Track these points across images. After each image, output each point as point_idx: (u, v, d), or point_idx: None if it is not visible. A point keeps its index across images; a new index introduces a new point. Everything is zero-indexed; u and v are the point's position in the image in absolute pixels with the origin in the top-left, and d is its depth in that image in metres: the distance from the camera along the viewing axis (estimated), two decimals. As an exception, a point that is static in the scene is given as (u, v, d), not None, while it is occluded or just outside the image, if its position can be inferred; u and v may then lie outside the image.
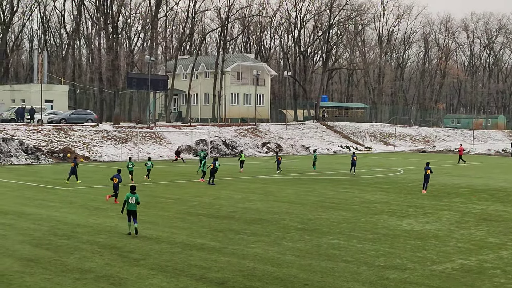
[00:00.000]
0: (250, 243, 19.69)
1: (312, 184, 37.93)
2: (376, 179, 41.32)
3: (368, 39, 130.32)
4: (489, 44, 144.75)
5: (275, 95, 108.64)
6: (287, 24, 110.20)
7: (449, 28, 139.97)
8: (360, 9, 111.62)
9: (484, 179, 42.53)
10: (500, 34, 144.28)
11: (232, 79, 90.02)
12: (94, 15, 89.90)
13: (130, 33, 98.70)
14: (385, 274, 16.13)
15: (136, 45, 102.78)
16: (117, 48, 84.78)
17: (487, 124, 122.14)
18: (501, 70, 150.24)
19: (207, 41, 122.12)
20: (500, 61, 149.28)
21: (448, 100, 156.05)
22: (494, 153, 76.68)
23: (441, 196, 32.37)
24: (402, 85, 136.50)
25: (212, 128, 73.09)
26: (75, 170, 36.47)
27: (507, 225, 23.81)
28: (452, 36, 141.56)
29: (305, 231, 22.00)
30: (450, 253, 18.67)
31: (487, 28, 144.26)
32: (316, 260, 17.46)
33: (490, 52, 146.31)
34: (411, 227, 23.07)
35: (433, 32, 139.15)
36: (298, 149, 72.38)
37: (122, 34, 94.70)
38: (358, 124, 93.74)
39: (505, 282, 15.55)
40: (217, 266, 16.69)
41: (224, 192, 32.75)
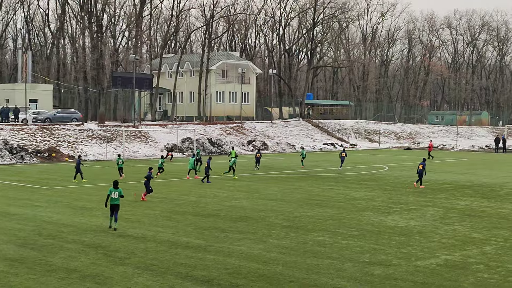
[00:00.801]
0: (236, 241, 19.75)
1: (298, 181, 38.05)
2: (361, 176, 41.52)
3: (352, 36, 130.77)
4: (472, 41, 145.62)
5: (260, 93, 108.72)
6: (272, 22, 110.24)
7: (432, 25, 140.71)
8: (344, 7, 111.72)
9: (468, 175, 42.85)
10: (483, 31, 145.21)
11: (217, 77, 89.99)
12: (79, 14, 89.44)
13: (114, 31, 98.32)
14: (370, 270, 16.25)
15: (121, 44, 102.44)
16: (101, 47, 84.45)
17: (471, 121, 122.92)
18: (484, 66, 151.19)
19: (192, 40, 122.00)
20: (483, 58, 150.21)
21: (432, 97, 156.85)
22: (478, 149, 77.21)
23: (425, 192, 32.60)
24: (387, 82, 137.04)
25: (198, 126, 73.01)
26: (79, 169, 36.77)
27: (491, 220, 24.03)
28: (436, 33, 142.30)
29: (291, 228, 22.09)
30: (434, 249, 18.83)
31: (470, 25, 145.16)
32: (301, 257, 17.55)
33: (473, 49, 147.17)
34: (395, 223, 23.24)
35: (417, 30, 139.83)
36: (283, 147, 72.52)
37: (107, 33, 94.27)
38: (343, 122, 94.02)
39: (488, 277, 15.72)
40: (203, 264, 16.74)
41: (210, 190, 32.78)
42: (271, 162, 53.62)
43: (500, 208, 27.26)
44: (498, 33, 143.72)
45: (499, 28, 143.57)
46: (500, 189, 34.60)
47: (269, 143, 72.68)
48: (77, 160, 37.97)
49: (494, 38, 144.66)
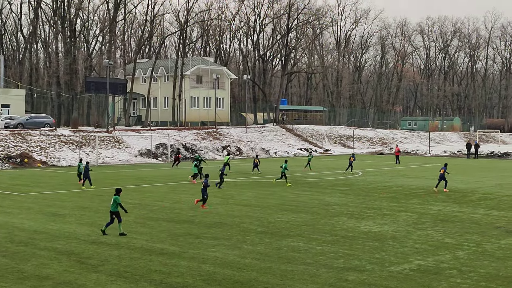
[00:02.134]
0: (210, 247, 19.71)
1: (272, 187, 38.09)
2: (335, 181, 41.70)
3: (326, 42, 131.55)
4: (444, 48, 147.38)
5: (235, 98, 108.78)
6: (246, 28, 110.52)
7: (405, 32, 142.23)
8: (318, 13, 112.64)
9: (441, 180, 43.17)
10: (455, 38, 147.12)
11: (191, 82, 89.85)
12: (52, 19, 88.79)
13: (88, 36, 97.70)
14: (344, 275, 16.32)
15: (95, 49, 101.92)
16: (75, 51, 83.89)
17: (443, 126, 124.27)
18: (456, 73, 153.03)
19: (166, 45, 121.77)
20: (455, 64, 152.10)
21: (405, 102, 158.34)
22: (450, 154, 78.03)
23: (398, 198, 32.84)
24: (360, 88, 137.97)
25: (172, 131, 72.80)
26: (88, 175, 36.35)
27: (463, 225, 24.27)
28: (408, 39, 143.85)
29: (265, 234, 22.10)
30: (408, 254, 18.96)
31: (442, 32, 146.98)
32: (276, 263, 17.57)
33: (445, 55, 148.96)
34: (369, 228, 23.37)
35: (390, 36, 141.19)
36: (258, 152, 72.52)
37: (80, 37, 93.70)
38: (317, 127, 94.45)
39: (461, 282, 15.86)
40: (177, 271, 16.67)
41: (185, 196, 32.67)
42: (246, 167, 53.59)
43: (472, 213, 27.54)
44: (470, 40, 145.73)
45: (470, 35, 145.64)
46: (472, 194, 34.97)
47: (243, 148, 72.70)
48: (86, 166, 37.11)
49: (466, 44, 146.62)
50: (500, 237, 21.89)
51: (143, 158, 61.30)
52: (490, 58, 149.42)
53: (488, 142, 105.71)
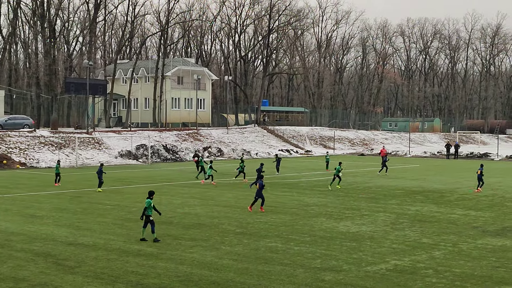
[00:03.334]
0: (188, 248, 19.70)
1: (253, 188, 38.06)
2: (314, 182, 41.81)
3: (308, 44, 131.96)
4: (425, 49, 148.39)
5: (216, 99, 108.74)
6: (228, 29, 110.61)
7: (386, 33, 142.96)
8: (299, 14, 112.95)
9: (419, 181, 43.52)
10: (435, 39, 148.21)
11: (172, 83, 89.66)
12: (31, 19, 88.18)
13: (68, 37, 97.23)
14: (321, 276, 16.39)
15: (75, 49, 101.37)
16: (54, 52, 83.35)
17: (424, 127, 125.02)
18: (437, 74, 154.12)
19: (147, 45, 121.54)
20: (436, 65, 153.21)
21: (386, 103, 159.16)
22: (430, 155, 78.54)
23: (377, 198, 33.02)
24: (341, 89, 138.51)
25: (153, 133, 72.61)
26: (101, 177, 35.47)
27: (440, 225, 24.45)
28: (389, 41, 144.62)
29: (244, 235, 22.13)
30: (385, 254, 19.07)
31: (423, 34, 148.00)
32: (253, 264, 17.60)
33: (426, 56, 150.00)
34: (347, 229, 23.47)
35: (371, 37, 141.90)
36: (239, 153, 72.52)
37: (60, 38, 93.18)
38: (298, 128, 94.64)
39: (436, 281, 15.98)
40: (154, 272, 16.64)
41: (164, 197, 32.58)
42: (228, 168, 53.58)
43: (449, 213, 27.76)
44: (450, 41, 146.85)
45: (450, 36, 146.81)
46: (450, 194, 35.24)
47: (224, 149, 72.67)
48: (99, 167, 36.23)
49: (446, 46, 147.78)
50: (477, 237, 22.08)
51: (123, 160, 61.07)
52: (470, 59, 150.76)
53: (468, 143, 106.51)
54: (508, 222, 25.48)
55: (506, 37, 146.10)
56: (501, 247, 20.32)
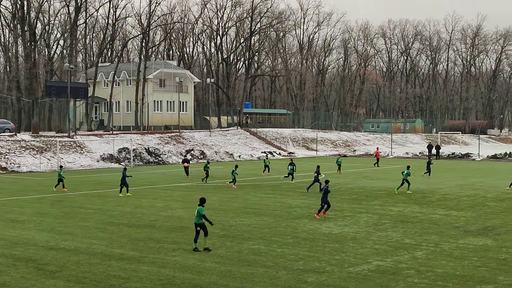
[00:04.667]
0: (171, 251, 19.63)
1: (235, 190, 38.09)
2: (297, 184, 41.82)
3: (289, 46, 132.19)
4: (406, 50, 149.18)
5: (198, 102, 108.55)
6: (209, 31, 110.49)
7: (367, 35, 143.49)
8: (280, 16, 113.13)
9: (401, 182, 43.56)
10: (416, 41, 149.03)
11: (154, 86, 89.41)
12: (11, 22, 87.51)
13: (49, 40, 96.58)
14: (304, 277, 16.40)
15: (56, 53, 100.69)
16: (35, 55, 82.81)
17: (405, 128, 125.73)
18: (418, 75, 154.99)
19: (128, 48, 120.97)
20: (417, 66, 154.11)
21: (368, 105, 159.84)
22: (412, 156, 78.91)
23: (359, 199, 33.12)
24: (323, 91, 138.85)
25: (135, 136, 72.34)
26: (125, 181, 35.02)
27: (422, 226, 24.57)
28: (371, 42, 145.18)
29: (227, 237, 22.09)
30: (367, 255, 19.12)
31: (404, 35, 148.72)
32: (236, 266, 17.57)
33: (407, 58, 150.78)
34: (330, 230, 23.51)
35: (352, 39, 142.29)
36: (222, 156, 72.52)
37: (41, 41, 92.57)
38: (281, 130, 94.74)
39: (418, 282, 16.05)
40: (136, 276, 16.56)
41: (146, 201, 32.48)
42: (210, 171, 53.44)
43: (431, 213, 27.90)
44: (431, 43, 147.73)
45: (431, 38, 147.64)
46: (432, 195, 35.42)
47: (207, 152, 72.56)
48: (123, 172, 35.73)
49: (427, 47, 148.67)
50: (458, 237, 22.21)
51: (105, 163, 60.77)
52: (451, 60, 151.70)
53: (450, 143, 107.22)
54: (489, 222, 25.66)
55: (486, 38, 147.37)
56: (482, 246, 20.45)
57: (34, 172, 53.25)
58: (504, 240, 21.54)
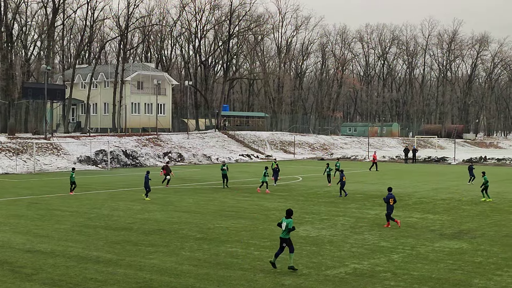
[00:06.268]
0: (148, 254, 19.57)
1: (213, 193, 38.08)
2: (275, 187, 41.89)
3: (268, 49, 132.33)
4: (383, 55, 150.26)
5: (176, 104, 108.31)
6: (188, 34, 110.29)
7: (345, 39, 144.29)
8: (259, 19, 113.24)
9: (378, 185, 43.94)
10: (393, 45, 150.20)
11: (132, 88, 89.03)
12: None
13: (26, 41, 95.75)
14: (281, 280, 16.45)
15: (33, 54, 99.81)
16: (12, 57, 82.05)
17: (382, 132, 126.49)
18: (395, 79, 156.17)
19: (106, 50, 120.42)
20: (394, 71, 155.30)
21: (345, 108, 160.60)
22: (388, 159, 79.43)
23: (337, 203, 33.28)
24: (301, 95, 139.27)
25: (112, 138, 71.93)
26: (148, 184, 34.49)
27: (399, 229, 24.72)
28: (348, 46, 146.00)
29: (204, 240, 22.08)
30: (344, 258, 19.23)
31: (381, 39, 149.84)
32: (213, 269, 17.58)
33: (384, 62, 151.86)
34: (307, 233, 23.60)
35: (330, 43, 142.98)
36: (200, 158, 72.40)
37: (18, 42, 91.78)
38: (259, 133, 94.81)
39: (395, 284, 16.18)
40: (113, 278, 16.50)
41: (123, 203, 32.34)
42: (188, 173, 53.41)
43: (408, 217, 28.11)
44: (408, 47, 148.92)
45: (408, 42, 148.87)
46: (409, 198, 35.69)
47: (185, 154, 72.41)
48: (145, 175, 35.07)
49: (404, 52, 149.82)
50: (434, 240, 22.42)
51: (83, 165, 60.37)
52: (428, 65, 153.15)
53: (426, 147, 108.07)
54: (464, 225, 25.93)
55: (462, 43, 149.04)
56: (458, 249, 20.67)
57: (10, 174, 52.73)
58: (479, 243, 21.78)
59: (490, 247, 21.09)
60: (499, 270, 17.70)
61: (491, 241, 22.23)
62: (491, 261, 18.87)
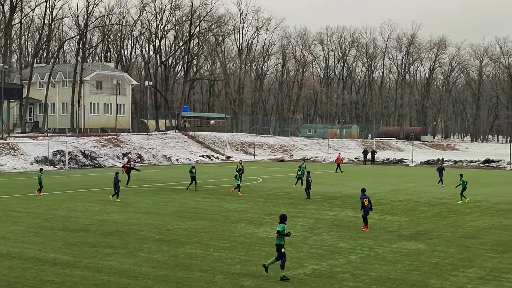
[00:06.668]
0: (106, 256, 19.37)
1: (172, 194, 37.90)
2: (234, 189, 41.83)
3: (228, 50, 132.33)
4: (343, 57, 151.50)
5: (136, 104, 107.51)
6: (148, 34, 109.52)
7: (305, 41, 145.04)
8: (220, 20, 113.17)
9: (337, 186, 44.32)
10: (353, 48, 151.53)
11: (91, 88, 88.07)
12: None
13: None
14: (240, 281, 16.45)
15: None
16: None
17: (342, 134, 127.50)
18: (354, 82, 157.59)
19: (65, 49, 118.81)
20: (353, 73, 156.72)
21: (305, 110, 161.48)
22: (348, 161, 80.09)
23: (296, 204, 33.43)
24: (262, 96, 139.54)
25: (71, 138, 71.06)
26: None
27: (357, 230, 24.97)
28: (308, 48, 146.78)
29: (163, 241, 21.95)
30: (303, 259, 19.32)
31: (341, 42, 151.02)
32: (172, 271, 17.48)
33: (344, 64, 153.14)
34: (267, 234, 23.65)
35: (290, 45, 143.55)
36: (159, 159, 72.00)
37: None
38: (219, 134, 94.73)
39: (353, 285, 16.31)
40: (70, 281, 16.29)
41: (81, 204, 31.96)
42: (147, 174, 53.03)
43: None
44: (367, 50, 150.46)
45: (367, 45, 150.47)
46: (367, 199, 35.97)
47: (145, 155, 71.92)
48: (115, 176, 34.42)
49: (363, 54, 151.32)
50: (392, 241, 22.68)
51: (40, 166, 59.41)
52: (387, 67, 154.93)
53: (384, 149, 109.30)
54: (421, 226, 26.29)
55: (420, 46, 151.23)
56: (415, 250, 20.95)
57: (-36, 175, 51.71)
58: (436, 244, 22.11)
59: (447, 248, 21.42)
60: (455, 271, 17.99)
61: (447, 242, 22.58)
62: (447, 262, 19.17)
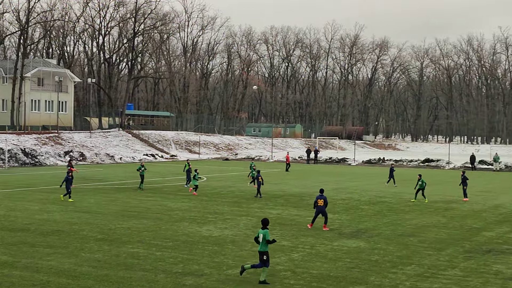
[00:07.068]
0: (45, 255, 19.06)
1: (115, 193, 37.51)
2: (179, 187, 41.76)
3: (173, 48, 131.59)
4: (287, 57, 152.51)
5: (79, 102, 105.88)
6: (91, 30, 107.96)
7: (250, 40, 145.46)
8: (165, 18, 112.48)
9: (281, 185, 44.61)
10: (297, 48, 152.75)
11: (32, 85, 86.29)
12: None
13: None
14: (182, 280, 16.43)
15: None
16: None
17: (286, 133, 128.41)
18: (298, 81, 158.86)
19: (5, 45, 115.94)
20: (298, 73, 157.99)
21: (250, 109, 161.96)
22: (291, 160, 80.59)
23: (240, 202, 33.53)
24: (207, 95, 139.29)
25: (10, 136, 69.51)
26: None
27: (299, 228, 25.22)
28: (253, 48, 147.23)
29: (105, 241, 21.72)
30: (246, 258, 19.40)
31: (286, 42, 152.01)
32: (113, 270, 17.33)
33: (288, 64, 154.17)
34: (210, 233, 23.66)
35: (236, 44, 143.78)
36: (102, 158, 71.12)
37: None
38: (163, 133, 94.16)
39: (294, 283, 16.47)
40: (8, 281, 15.97)
41: (20, 203, 31.32)
42: (90, 173, 52.31)
43: (308, 216, 28.60)
44: (311, 50, 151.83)
45: (311, 45, 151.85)
46: (309, 198, 36.28)
47: (87, 154, 70.90)
48: (66, 175, 33.52)
49: (307, 54, 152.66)
50: (333, 239, 22.98)
51: (-22, 164, 58.02)
52: (330, 68, 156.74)
53: (327, 148, 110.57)
54: (362, 224, 26.73)
55: (363, 47, 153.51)
56: (356, 248, 21.29)
57: None
58: (376, 242, 22.51)
59: (386, 245, 21.84)
60: (394, 268, 18.36)
61: (387, 240, 23.02)
62: (387, 259, 19.55)
